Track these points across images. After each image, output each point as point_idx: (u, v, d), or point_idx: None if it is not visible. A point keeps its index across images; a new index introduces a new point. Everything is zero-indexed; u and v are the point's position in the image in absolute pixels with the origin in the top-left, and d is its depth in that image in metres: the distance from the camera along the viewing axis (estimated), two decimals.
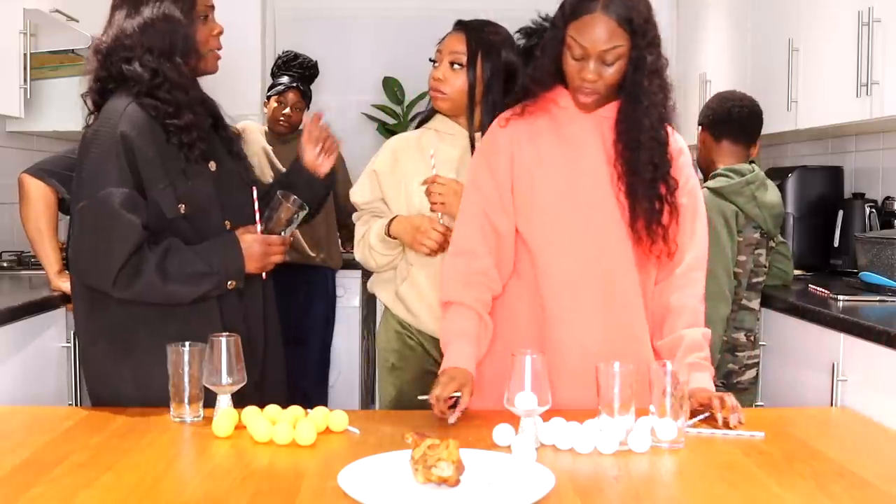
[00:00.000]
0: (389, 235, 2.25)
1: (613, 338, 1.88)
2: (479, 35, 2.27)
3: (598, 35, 1.77)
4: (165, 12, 1.91)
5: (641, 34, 1.80)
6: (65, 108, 3.65)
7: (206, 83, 2.08)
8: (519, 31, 2.37)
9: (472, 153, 2.26)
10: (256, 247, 1.96)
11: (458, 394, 1.71)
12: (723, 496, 1.36)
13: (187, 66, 1.93)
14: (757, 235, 2.66)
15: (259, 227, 2.01)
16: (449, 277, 1.91)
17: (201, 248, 1.90)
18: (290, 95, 3.70)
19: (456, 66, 2.24)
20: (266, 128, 3.79)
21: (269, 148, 3.72)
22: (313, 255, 3.76)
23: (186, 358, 1.69)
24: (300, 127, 3.81)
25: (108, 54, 1.92)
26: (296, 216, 2.06)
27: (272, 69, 3.85)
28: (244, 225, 2.03)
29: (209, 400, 1.73)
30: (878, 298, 2.62)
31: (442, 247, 2.18)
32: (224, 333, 1.72)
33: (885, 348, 2.12)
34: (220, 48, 2.02)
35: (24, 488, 1.35)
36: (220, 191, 1.99)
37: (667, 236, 1.86)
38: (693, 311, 1.89)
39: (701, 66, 4.28)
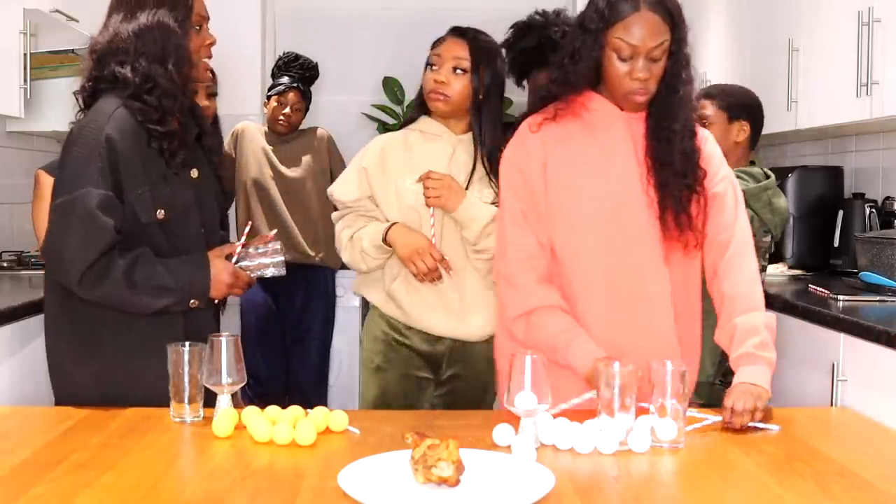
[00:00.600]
0: (385, 243, 2.26)
1: (642, 337, 1.88)
2: (478, 42, 2.31)
3: (647, 32, 1.80)
4: (160, 20, 1.93)
5: (679, 26, 1.84)
6: (65, 108, 3.62)
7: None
8: (513, 26, 2.39)
9: (477, 156, 2.31)
10: (225, 276, 1.99)
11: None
12: (723, 496, 1.36)
13: (180, 75, 1.95)
14: (767, 239, 2.67)
15: (235, 258, 2.04)
16: (525, 284, 1.89)
17: (171, 263, 1.92)
18: (291, 96, 3.70)
19: (458, 70, 2.28)
20: (266, 128, 3.79)
21: (269, 148, 3.72)
22: (312, 254, 3.77)
23: (186, 358, 1.69)
24: (300, 127, 3.82)
25: (102, 55, 1.94)
26: (268, 269, 2.09)
27: (272, 70, 3.85)
28: (214, 233, 2.09)
29: (209, 400, 1.73)
30: (878, 298, 2.62)
31: (431, 274, 2.24)
32: (224, 333, 1.73)
33: (885, 348, 2.12)
34: (210, 58, 2.05)
35: (24, 488, 1.35)
36: (199, 198, 2.03)
37: (693, 225, 1.87)
38: (746, 296, 1.88)
39: (701, 66, 4.28)
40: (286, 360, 3.86)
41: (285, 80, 3.72)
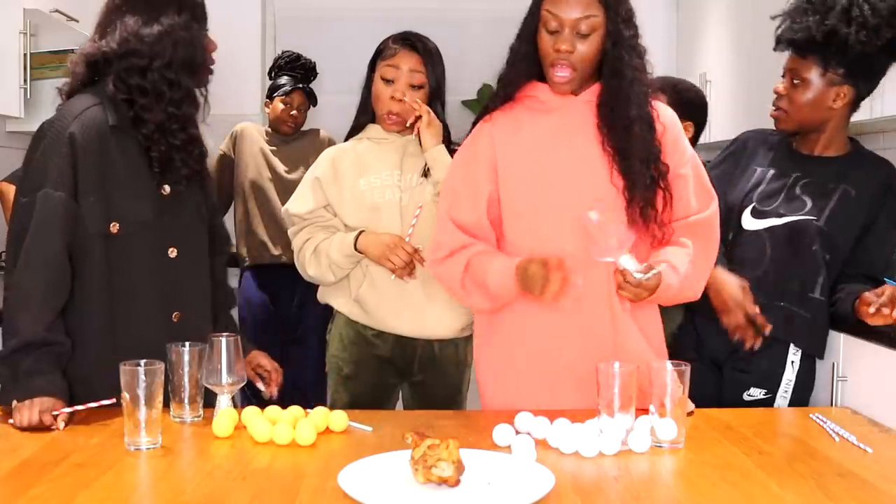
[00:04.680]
0: (357, 251, 2.27)
1: (578, 332, 1.87)
2: (430, 54, 2.34)
3: (573, 4, 1.79)
4: (186, 23, 1.83)
5: (615, 8, 1.81)
6: None
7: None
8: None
9: (408, 152, 2.34)
10: (24, 407, 1.66)
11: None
12: (723, 496, 1.36)
13: (201, 82, 1.87)
14: None
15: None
16: (452, 274, 1.92)
17: (41, 356, 1.70)
18: (296, 96, 3.69)
19: (416, 86, 2.32)
20: (267, 128, 3.78)
21: (267, 149, 3.71)
22: None
23: (186, 358, 1.69)
24: (302, 127, 3.81)
25: (108, 61, 1.82)
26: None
27: (271, 70, 3.83)
28: (195, 257, 1.93)
29: (209, 400, 1.73)
30: None
31: (408, 267, 2.25)
32: (224, 333, 1.73)
33: (885, 348, 2.12)
34: (213, 64, 1.94)
35: (24, 488, 1.35)
36: (168, 216, 1.87)
37: (659, 219, 1.86)
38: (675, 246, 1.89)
39: (701, 66, 4.28)
40: (285, 360, 3.86)
41: (288, 80, 3.71)
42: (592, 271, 1.83)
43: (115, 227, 1.79)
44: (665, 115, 1.92)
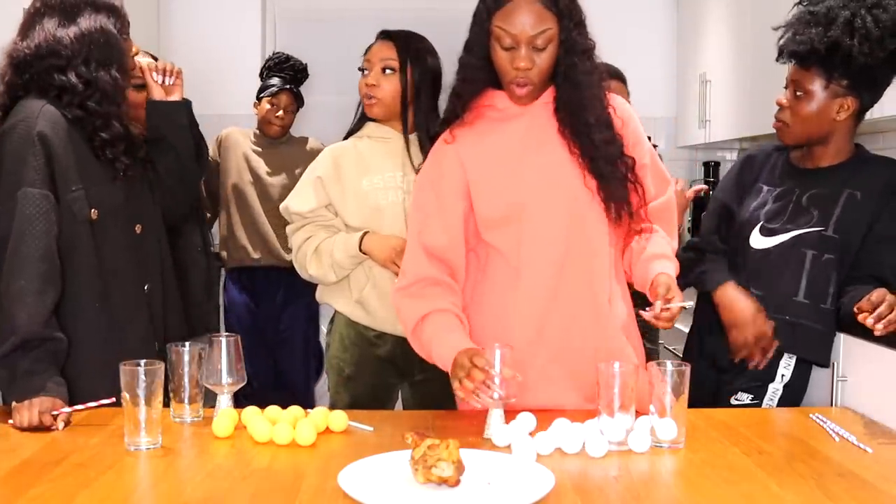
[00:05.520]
0: (362, 252, 2.27)
1: (597, 326, 1.86)
2: (405, 42, 2.37)
3: (526, 20, 1.75)
4: (102, 25, 1.92)
5: (568, 15, 1.78)
6: None
7: (206, 80, 2.09)
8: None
9: (409, 152, 2.33)
10: (24, 407, 1.68)
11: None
12: (723, 496, 1.36)
13: (119, 82, 1.94)
14: None
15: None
16: (411, 302, 1.85)
17: (40, 355, 1.74)
18: (283, 98, 3.68)
19: (388, 70, 2.33)
20: (255, 129, 3.75)
21: (251, 151, 3.68)
22: (289, 258, 3.73)
23: (186, 358, 1.70)
24: (290, 129, 3.79)
25: (29, 62, 1.89)
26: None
27: (261, 70, 3.81)
28: (155, 230, 2.06)
29: (209, 400, 1.73)
30: None
31: None
32: (224, 333, 1.73)
33: (885, 348, 2.12)
34: (134, 68, 2.06)
35: (24, 488, 1.35)
36: (129, 197, 1.98)
37: (633, 214, 1.85)
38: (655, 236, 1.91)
39: (701, 66, 4.28)
40: (273, 360, 3.85)
41: (277, 81, 3.69)
42: (572, 268, 1.83)
43: (94, 214, 1.89)
44: (622, 108, 1.90)
